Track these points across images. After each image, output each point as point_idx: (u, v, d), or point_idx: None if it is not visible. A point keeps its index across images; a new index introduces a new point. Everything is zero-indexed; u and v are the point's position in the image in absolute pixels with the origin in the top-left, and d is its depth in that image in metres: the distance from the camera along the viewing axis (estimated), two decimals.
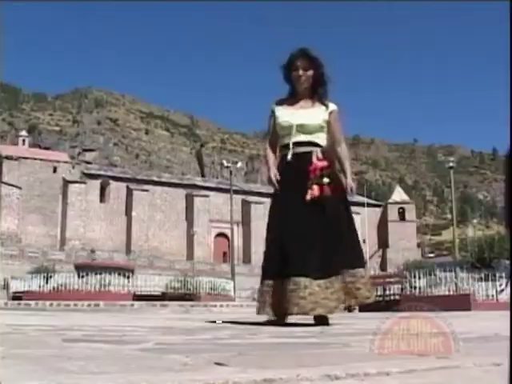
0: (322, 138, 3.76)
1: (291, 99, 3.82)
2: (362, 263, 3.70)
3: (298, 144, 3.70)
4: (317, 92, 3.79)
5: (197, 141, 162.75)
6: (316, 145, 3.73)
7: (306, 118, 3.72)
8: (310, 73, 3.73)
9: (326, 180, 3.59)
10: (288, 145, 3.73)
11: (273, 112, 3.84)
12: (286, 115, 3.75)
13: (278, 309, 3.52)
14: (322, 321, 3.55)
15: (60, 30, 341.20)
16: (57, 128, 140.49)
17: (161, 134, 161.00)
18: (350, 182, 3.79)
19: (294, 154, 3.68)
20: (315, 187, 3.57)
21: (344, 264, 3.56)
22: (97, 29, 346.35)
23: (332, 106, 3.81)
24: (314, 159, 3.65)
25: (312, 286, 3.42)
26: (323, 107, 3.77)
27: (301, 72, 3.72)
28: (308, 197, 3.55)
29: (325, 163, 3.64)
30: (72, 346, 1.94)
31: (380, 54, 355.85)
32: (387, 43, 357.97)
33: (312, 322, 3.62)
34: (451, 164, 30.53)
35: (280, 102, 3.85)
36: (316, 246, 3.51)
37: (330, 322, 3.61)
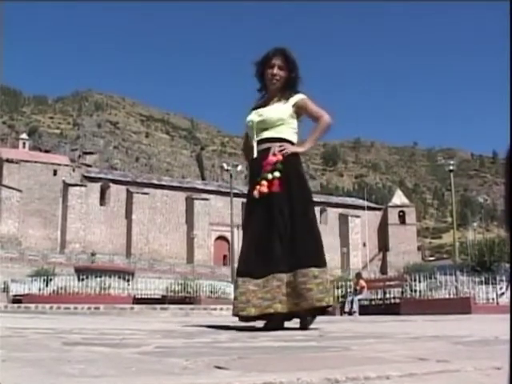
0: (284, 132, 3.65)
1: (263, 100, 3.76)
2: (317, 262, 3.44)
3: (260, 141, 3.64)
4: (284, 92, 3.69)
5: (197, 144, 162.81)
6: (277, 139, 3.63)
7: (265, 113, 3.66)
8: (284, 73, 3.64)
9: (276, 174, 3.49)
10: (252, 145, 3.71)
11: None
12: (250, 116, 3.72)
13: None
14: (305, 322, 3.48)
15: (61, 32, 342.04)
16: (57, 131, 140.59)
17: (161, 137, 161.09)
18: (299, 147, 3.69)
19: (258, 152, 3.63)
20: (264, 183, 3.48)
21: (293, 262, 3.38)
22: (97, 31, 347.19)
23: (296, 97, 3.68)
24: (270, 155, 3.56)
25: (246, 285, 3.35)
26: (284, 101, 3.67)
27: (275, 70, 3.62)
28: (255, 192, 3.49)
29: (279, 157, 3.53)
30: (72, 350, 1.94)
31: (380, 56, 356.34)
32: (387, 45, 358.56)
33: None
34: (451, 167, 30.54)
35: (254, 107, 3.80)
36: (259, 243, 3.43)
37: (326, 325, 3.53)
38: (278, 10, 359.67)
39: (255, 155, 3.63)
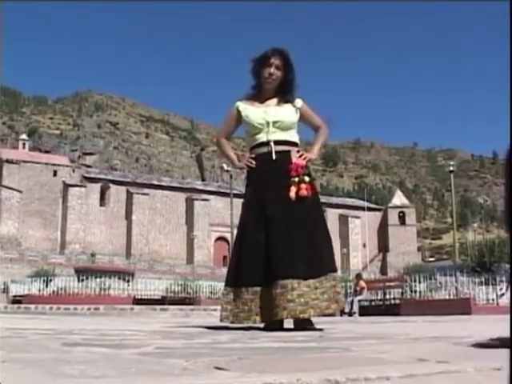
0: (295, 137, 3.66)
1: (256, 96, 3.69)
2: (336, 268, 3.58)
3: (276, 142, 3.56)
4: (282, 95, 3.66)
5: (197, 144, 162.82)
6: (292, 143, 3.63)
7: (280, 115, 3.59)
8: (280, 74, 3.60)
9: (307, 179, 3.50)
10: (263, 143, 3.58)
11: (238, 110, 3.69)
12: (258, 112, 3.60)
13: (268, 316, 3.34)
14: (302, 325, 3.38)
15: (60, 33, 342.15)
16: (57, 131, 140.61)
17: (161, 137, 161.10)
18: (311, 154, 3.69)
19: (275, 153, 3.54)
20: (303, 186, 3.46)
21: (328, 265, 3.46)
22: (97, 32, 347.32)
23: (299, 102, 3.69)
24: (294, 158, 3.55)
25: (301, 287, 3.26)
26: (291, 105, 3.65)
27: (272, 70, 3.58)
28: (292, 194, 3.43)
29: (303, 162, 3.54)
30: (72, 350, 1.94)
31: (380, 56, 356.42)
32: (387, 45, 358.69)
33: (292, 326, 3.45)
34: (451, 168, 30.47)
35: (246, 100, 3.71)
36: (304, 245, 3.39)
37: (327, 326, 3.52)
38: (278, 9, 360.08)
39: (274, 156, 3.55)
